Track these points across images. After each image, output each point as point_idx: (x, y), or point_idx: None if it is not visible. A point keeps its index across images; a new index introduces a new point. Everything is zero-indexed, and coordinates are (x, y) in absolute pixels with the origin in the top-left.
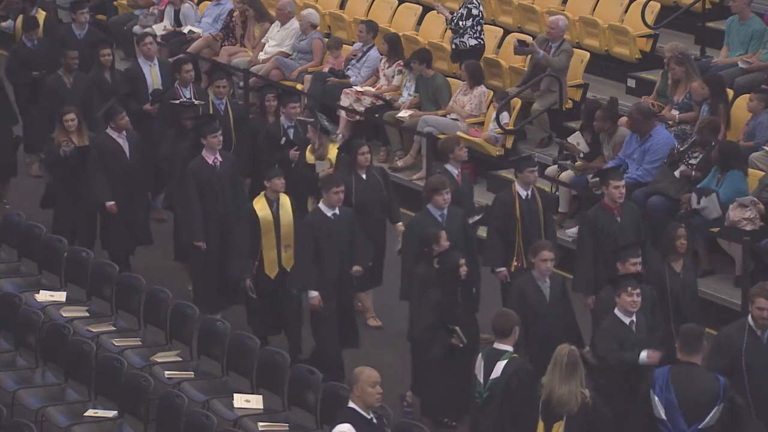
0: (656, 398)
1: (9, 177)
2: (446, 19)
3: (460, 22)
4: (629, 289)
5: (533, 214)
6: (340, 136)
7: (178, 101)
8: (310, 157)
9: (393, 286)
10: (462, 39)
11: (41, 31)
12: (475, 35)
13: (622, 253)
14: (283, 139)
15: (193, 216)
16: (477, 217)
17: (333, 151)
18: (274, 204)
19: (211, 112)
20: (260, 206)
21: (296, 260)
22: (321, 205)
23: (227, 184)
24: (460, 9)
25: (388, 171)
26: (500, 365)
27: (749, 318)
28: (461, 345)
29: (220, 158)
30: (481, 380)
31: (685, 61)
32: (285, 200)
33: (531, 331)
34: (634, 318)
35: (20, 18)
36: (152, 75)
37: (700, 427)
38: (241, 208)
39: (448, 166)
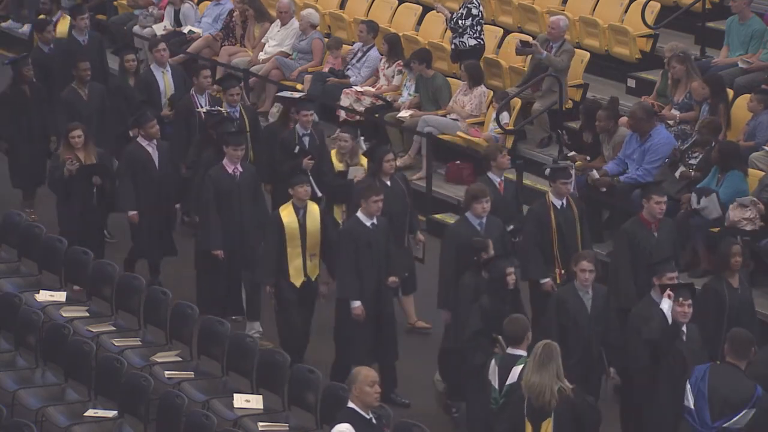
0: (689, 387)
1: (35, 188)
2: (446, 19)
3: (460, 21)
4: (681, 299)
5: (570, 223)
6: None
7: (206, 110)
8: (338, 164)
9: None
10: (461, 39)
11: (66, 35)
12: (474, 35)
13: (658, 268)
14: (297, 147)
15: (210, 225)
16: (512, 226)
17: (364, 157)
18: (300, 212)
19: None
20: (286, 214)
21: (339, 269)
22: (359, 214)
23: (246, 194)
24: (460, 9)
25: (406, 177)
26: (516, 370)
27: None
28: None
29: (240, 168)
30: (497, 386)
31: (686, 60)
32: (313, 208)
33: (570, 342)
34: (684, 329)
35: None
36: (165, 81)
37: (725, 425)
38: (261, 219)
39: (491, 174)
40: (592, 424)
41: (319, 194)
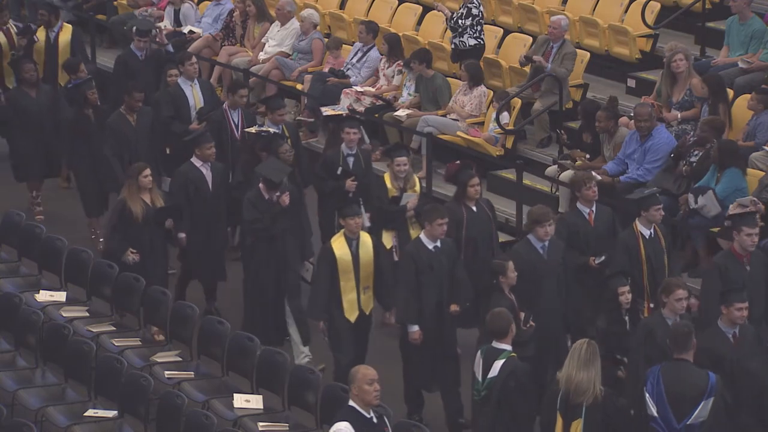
0: (647, 396)
1: (101, 212)
2: (446, 18)
3: (460, 21)
4: (737, 303)
5: (658, 253)
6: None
7: (255, 129)
8: (392, 189)
9: None
10: (461, 38)
11: (68, 47)
12: (474, 35)
13: (729, 297)
14: (340, 168)
15: (252, 258)
16: (602, 258)
17: (417, 182)
18: (353, 243)
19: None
20: (338, 245)
21: (398, 293)
22: (422, 236)
23: (288, 221)
24: (460, 8)
25: (492, 203)
26: (498, 364)
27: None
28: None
29: (278, 193)
30: (480, 378)
31: (689, 57)
32: (366, 238)
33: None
34: (737, 330)
35: (40, 29)
36: (194, 95)
37: (688, 422)
38: (305, 245)
39: (579, 205)
40: (622, 427)
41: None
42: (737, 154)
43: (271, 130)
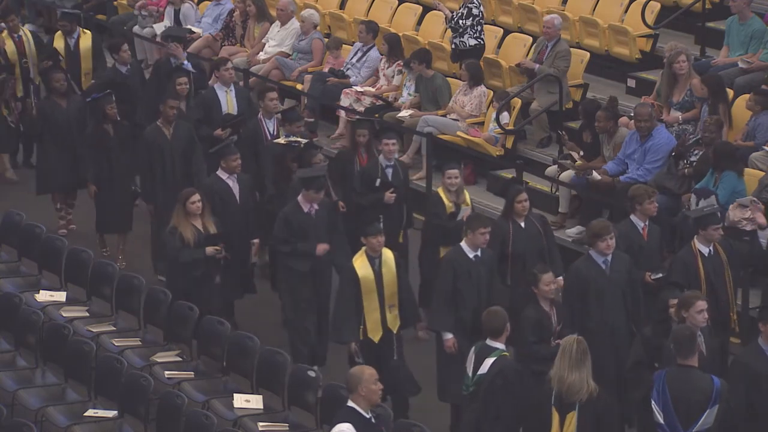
0: (654, 403)
1: (126, 230)
2: (445, 18)
3: (460, 21)
4: None
5: (719, 271)
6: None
7: (285, 140)
8: (448, 203)
9: None
10: (462, 38)
11: (90, 53)
12: (475, 35)
13: (765, 313)
14: (378, 180)
15: (287, 273)
16: (659, 275)
17: (467, 194)
18: (375, 261)
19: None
20: (360, 264)
21: (434, 300)
22: (463, 244)
23: (323, 235)
24: (460, 8)
25: (548, 220)
26: (488, 362)
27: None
28: None
29: (316, 206)
30: (470, 374)
31: (690, 57)
32: (388, 256)
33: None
34: None
35: (58, 36)
36: (228, 101)
37: (694, 430)
38: (338, 262)
39: (634, 218)
40: (610, 421)
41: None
42: (733, 157)
43: (302, 140)
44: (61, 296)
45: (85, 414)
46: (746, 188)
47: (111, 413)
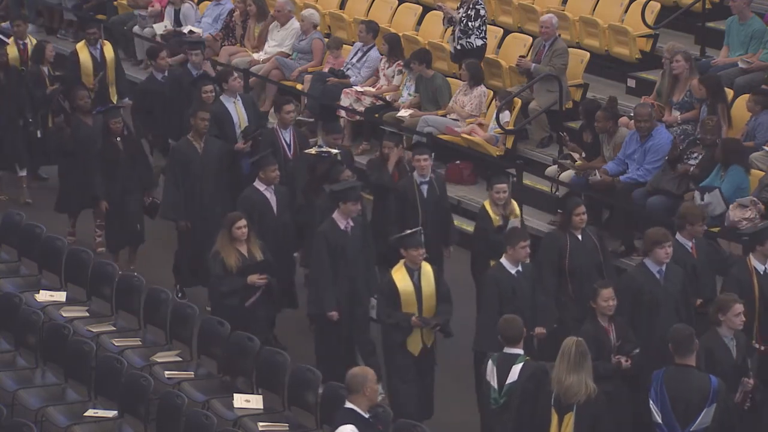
0: (651, 402)
1: (138, 243)
2: (449, 19)
3: (469, 23)
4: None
5: None
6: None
7: (316, 151)
8: (495, 217)
9: None
10: (469, 39)
11: (113, 63)
12: (481, 35)
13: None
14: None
15: (324, 286)
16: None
17: (516, 207)
18: (415, 274)
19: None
20: (400, 277)
21: (479, 319)
22: (504, 260)
23: (359, 253)
24: (468, 10)
25: (602, 233)
26: (516, 369)
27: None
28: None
29: (351, 222)
30: (495, 386)
31: (690, 58)
32: (427, 269)
33: None
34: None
35: (81, 46)
36: (237, 111)
37: (692, 429)
38: (370, 279)
39: (680, 237)
40: (606, 422)
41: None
42: (741, 152)
43: (333, 151)
44: (61, 296)
45: (85, 414)
46: (750, 187)
47: (111, 413)
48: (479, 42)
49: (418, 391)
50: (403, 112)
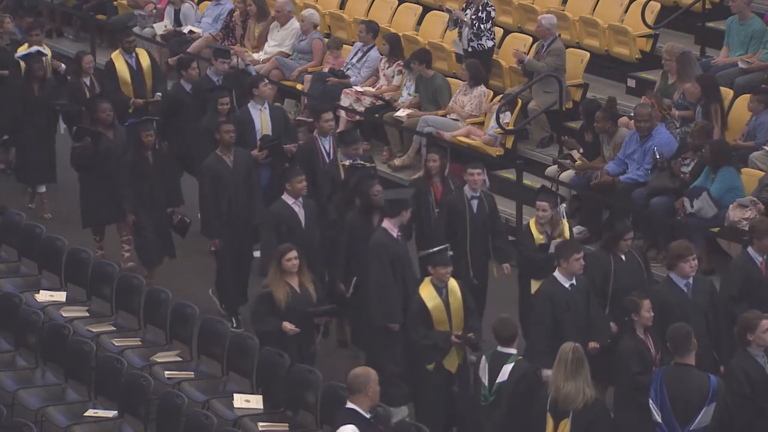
0: (651, 402)
1: (159, 262)
2: (455, 21)
3: (481, 26)
4: None
5: None
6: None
7: (350, 162)
8: (538, 236)
9: None
10: (480, 41)
11: (150, 70)
12: (491, 37)
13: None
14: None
15: (393, 297)
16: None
17: (567, 228)
18: (443, 291)
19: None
20: (428, 295)
21: (533, 336)
22: (557, 274)
23: (408, 264)
24: (478, 12)
25: (646, 253)
26: (507, 368)
27: None
28: None
29: (399, 232)
30: (486, 383)
31: (683, 60)
32: (453, 285)
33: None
34: None
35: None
36: (262, 120)
37: (691, 428)
38: (412, 295)
39: (752, 251)
40: (603, 427)
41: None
42: (730, 154)
43: (368, 163)
44: (61, 296)
45: (85, 414)
46: (743, 186)
47: (111, 413)
48: (489, 43)
49: (448, 408)
50: (402, 112)
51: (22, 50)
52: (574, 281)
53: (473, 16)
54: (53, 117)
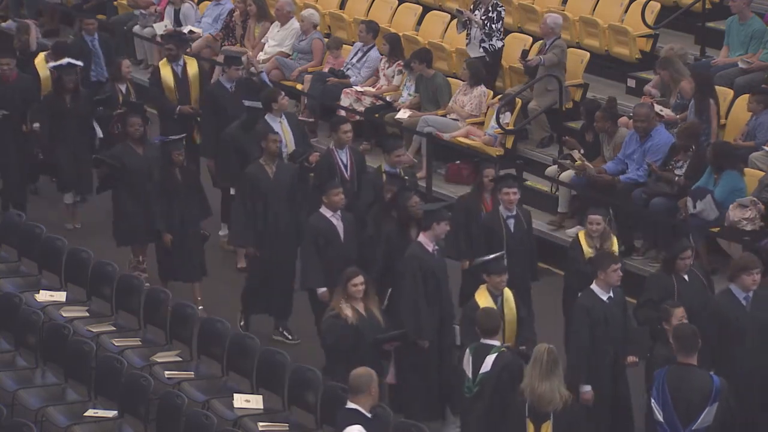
0: (653, 401)
1: (198, 278)
2: (463, 23)
3: (492, 26)
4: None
5: None
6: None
7: (386, 170)
8: (588, 250)
9: None
10: (491, 42)
11: (197, 80)
12: (501, 37)
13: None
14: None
15: (425, 312)
16: None
17: (615, 242)
18: (498, 299)
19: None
20: (484, 302)
21: (571, 349)
22: (595, 286)
23: (444, 280)
24: (488, 12)
25: (709, 273)
26: (490, 359)
27: None
28: None
29: (436, 246)
30: (470, 375)
31: (667, 64)
32: (508, 294)
33: None
34: None
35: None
36: (283, 131)
37: (693, 428)
38: (453, 305)
39: None
40: (582, 429)
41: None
42: (733, 156)
43: (406, 177)
44: (61, 296)
45: (85, 414)
46: (746, 187)
47: (111, 413)
48: (499, 44)
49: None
50: (402, 113)
51: (40, 60)
52: (611, 294)
53: (483, 17)
54: (88, 127)
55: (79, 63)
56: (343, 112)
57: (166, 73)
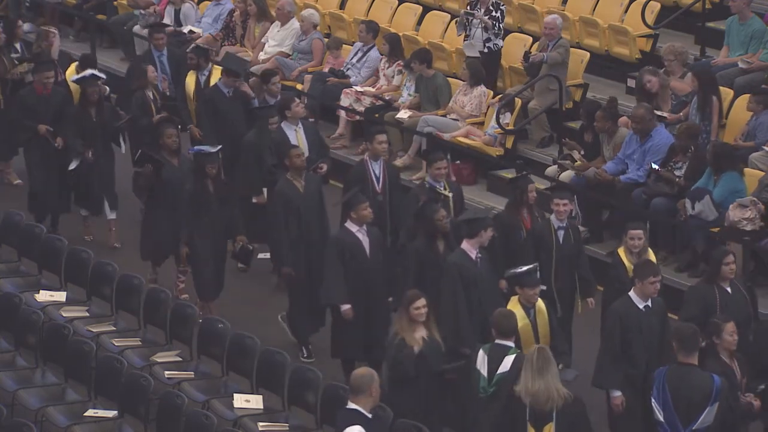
0: (654, 401)
1: (217, 294)
2: (464, 24)
3: (498, 25)
4: None
5: None
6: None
7: (420, 183)
8: (629, 263)
9: None
10: (495, 41)
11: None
12: (501, 36)
13: None
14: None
15: (464, 321)
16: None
17: (653, 257)
18: (530, 311)
19: None
20: (517, 315)
21: (600, 355)
22: (632, 294)
23: (486, 288)
24: (492, 12)
25: (751, 283)
26: (509, 360)
27: None
28: None
29: (479, 254)
30: (485, 375)
31: (656, 72)
32: (541, 306)
33: None
34: None
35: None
36: (298, 139)
37: (693, 428)
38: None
39: None
40: (585, 428)
41: None
42: (733, 157)
43: (446, 193)
44: (61, 296)
45: (85, 414)
46: (746, 188)
47: (111, 413)
48: (500, 43)
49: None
50: (403, 114)
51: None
52: (649, 303)
53: (488, 17)
54: (112, 141)
55: (102, 75)
56: (343, 113)
57: (190, 81)
